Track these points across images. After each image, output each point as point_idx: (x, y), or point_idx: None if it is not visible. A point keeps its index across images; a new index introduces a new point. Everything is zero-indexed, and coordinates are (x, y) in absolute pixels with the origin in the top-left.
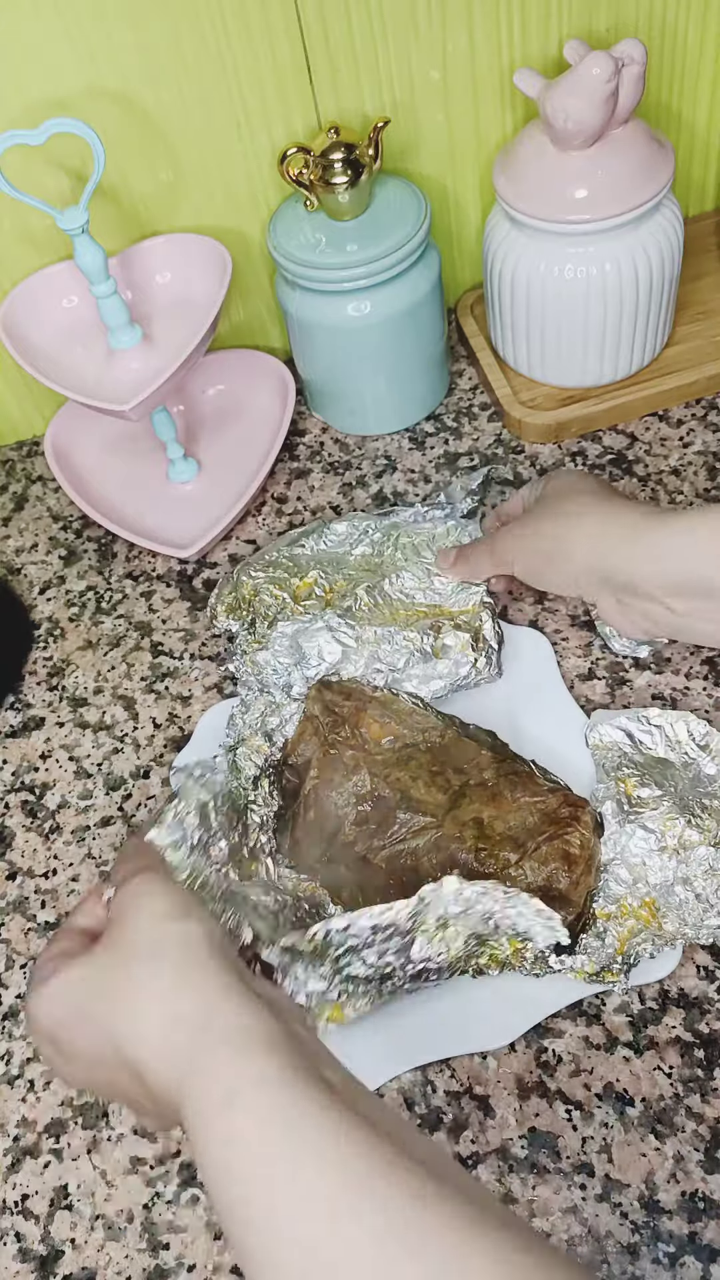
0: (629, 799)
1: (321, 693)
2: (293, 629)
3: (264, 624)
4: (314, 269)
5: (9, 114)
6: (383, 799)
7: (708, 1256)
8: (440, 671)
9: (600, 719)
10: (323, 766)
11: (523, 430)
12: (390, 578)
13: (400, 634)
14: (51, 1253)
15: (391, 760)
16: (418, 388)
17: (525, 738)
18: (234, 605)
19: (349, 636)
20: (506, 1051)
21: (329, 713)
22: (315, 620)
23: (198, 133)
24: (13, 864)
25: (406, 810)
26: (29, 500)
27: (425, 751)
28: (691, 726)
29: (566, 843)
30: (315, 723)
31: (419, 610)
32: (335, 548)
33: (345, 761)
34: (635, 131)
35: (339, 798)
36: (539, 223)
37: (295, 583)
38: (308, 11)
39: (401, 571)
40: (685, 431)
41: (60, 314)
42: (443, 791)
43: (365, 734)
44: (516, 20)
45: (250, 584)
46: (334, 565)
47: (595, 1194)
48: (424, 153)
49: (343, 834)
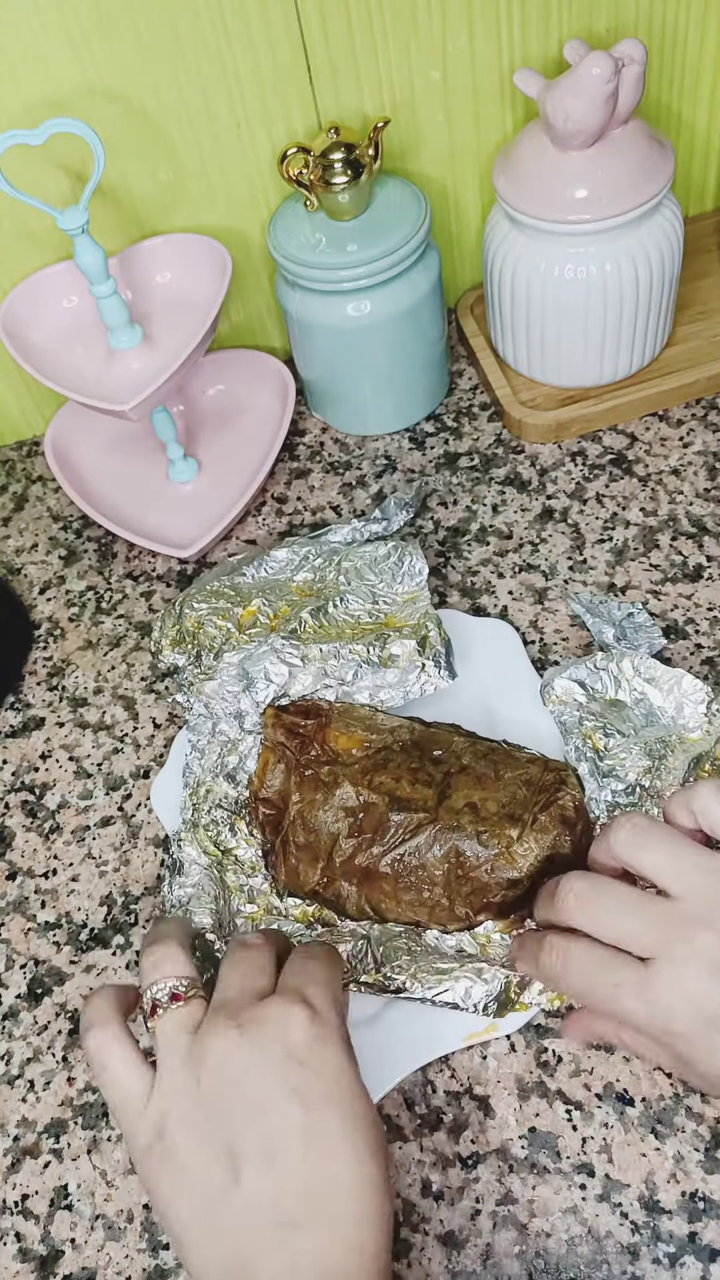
0: (598, 753)
1: (279, 718)
2: (239, 657)
3: (210, 655)
4: (314, 269)
5: (9, 114)
6: (372, 806)
7: (708, 1256)
8: (390, 680)
9: (552, 675)
10: (303, 788)
11: (523, 430)
12: (334, 600)
13: (346, 648)
14: (51, 1253)
15: (369, 766)
16: (418, 388)
17: (501, 723)
18: (178, 639)
19: (295, 656)
20: (507, 1051)
21: (293, 735)
22: (260, 645)
23: (198, 133)
24: (13, 864)
25: (398, 811)
26: (29, 500)
27: (400, 751)
28: (635, 662)
29: (561, 807)
30: (280, 750)
31: (365, 627)
32: (276, 575)
33: (324, 779)
34: (635, 131)
35: (327, 815)
36: (539, 223)
37: (238, 612)
38: (308, 11)
39: (346, 595)
40: (685, 431)
41: (60, 314)
42: (428, 785)
43: (335, 748)
44: (516, 20)
45: (194, 616)
46: (276, 592)
47: (595, 1194)
48: (424, 153)
49: (339, 850)
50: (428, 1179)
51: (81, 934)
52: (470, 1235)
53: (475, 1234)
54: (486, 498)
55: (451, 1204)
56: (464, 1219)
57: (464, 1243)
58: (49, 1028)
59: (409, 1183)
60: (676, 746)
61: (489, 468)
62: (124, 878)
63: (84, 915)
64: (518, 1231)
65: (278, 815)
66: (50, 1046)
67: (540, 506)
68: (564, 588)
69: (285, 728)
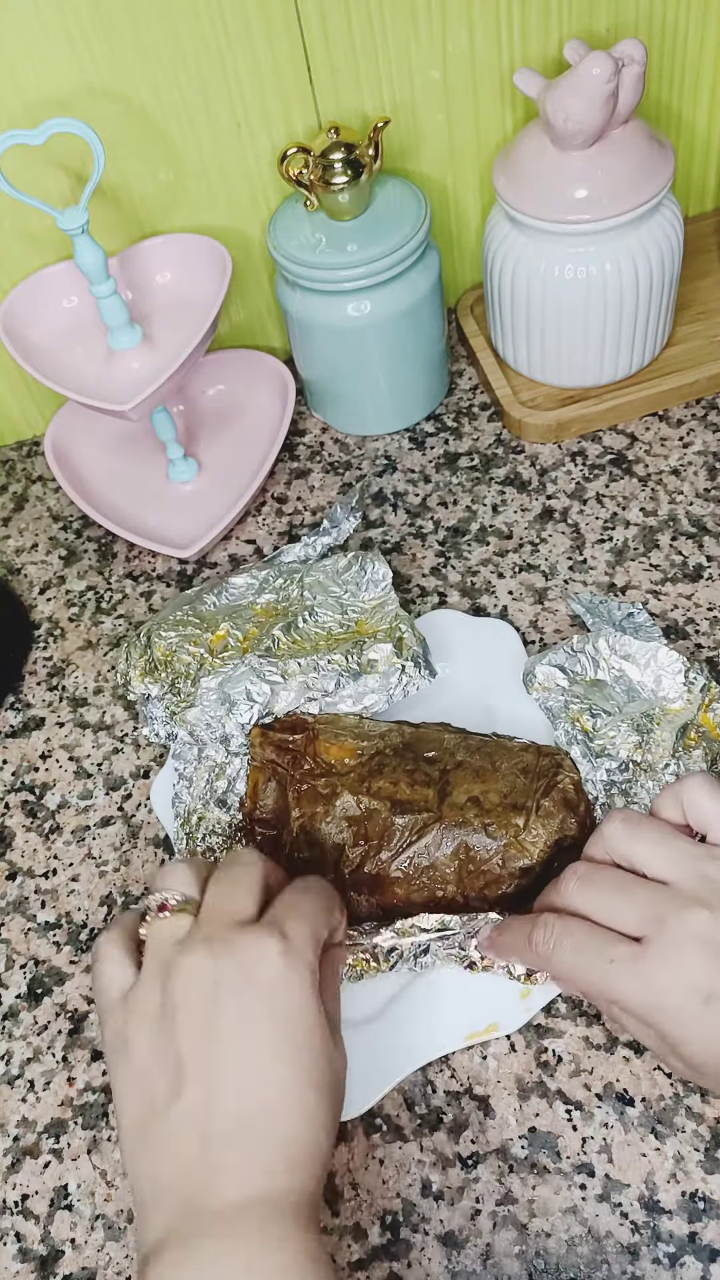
0: (587, 735)
1: (267, 736)
2: (217, 681)
3: (187, 682)
4: (314, 269)
5: (9, 114)
6: (374, 812)
7: (708, 1256)
8: (372, 686)
9: (532, 663)
10: (302, 803)
11: (523, 430)
12: (302, 615)
13: (325, 659)
14: (51, 1253)
15: (365, 773)
16: (418, 388)
17: (502, 722)
18: (148, 669)
19: (275, 673)
20: (507, 1051)
21: (283, 752)
22: (237, 667)
23: (198, 133)
24: (13, 864)
25: (401, 813)
26: (29, 500)
27: (393, 755)
28: (610, 641)
29: (563, 790)
30: (271, 768)
31: (339, 637)
32: (238, 600)
33: (321, 791)
34: (635, 131)
35: (330, 827)
36: (539, 223)
37: (208, 637)
38: (308, 11)
39: (314, 609)
40: (685, 431)
41: (60, 314)
42: (427, 785)
43: (328, 759)
44: (516, 20)
45: (163, 645)
46: (242, 616)
47: (595, 1194)
48: (424, 153)
49: (345, 860)
50: (428, 1179)
51: (81, 934)
52: (470, 1235)
53: (475, 1234)
54: (486, 498)
55: (451, 1204)
56: (464, 1219)
57: (464, 1243)
58: (49, 1028)
59: (409, 1183)
60: (661, 719)
61: (489, 468)
62: (124, 878)
63: (84, 915)
64: (518, 1231)
65: (275, 835)
66: (50, 1046)
67: (540, 506)
68: (564, 588)
69: (274, 745)
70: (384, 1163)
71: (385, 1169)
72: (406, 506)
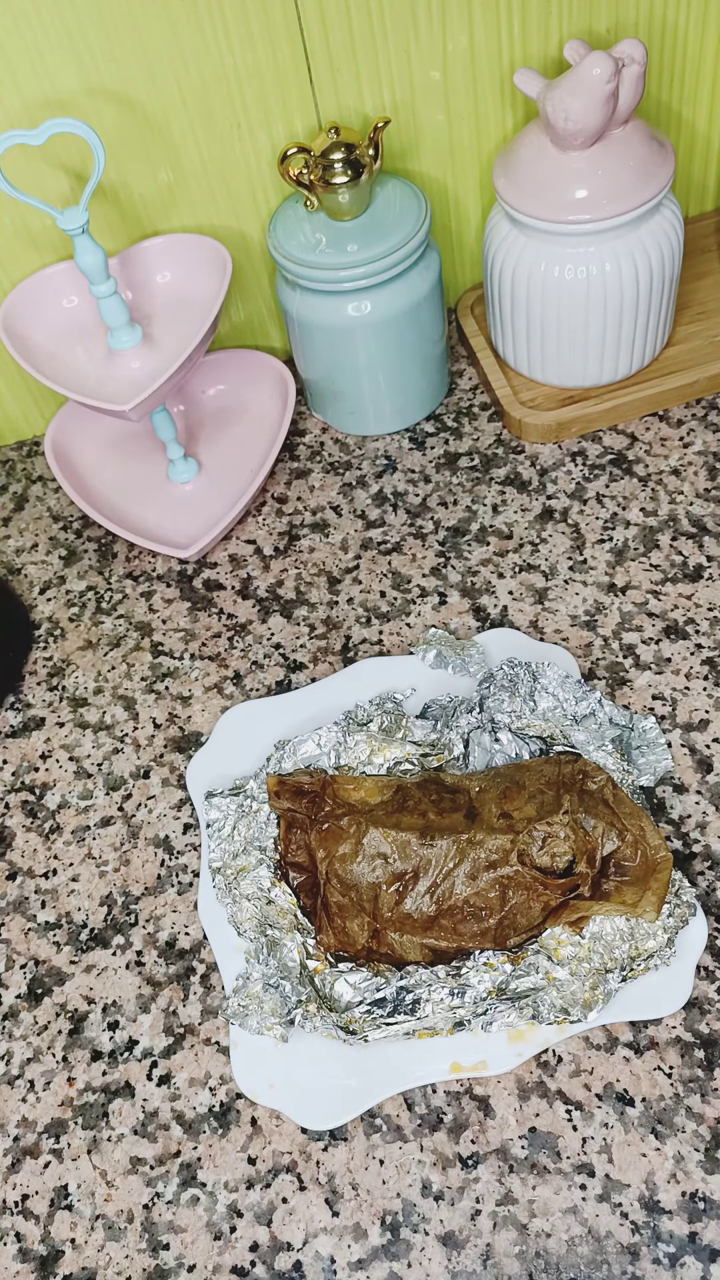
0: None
1: (283, 783)
2: None
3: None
4: (314, 269)
5: (9, 114)
6: (406, 844)
7: (708, 1256)
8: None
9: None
10: (325, 843)
11: (523, 430)
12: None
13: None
14: (51, 1253)
15: (391, 809)
16: (418, 388)
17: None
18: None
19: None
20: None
21: (299, 797)
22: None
23: (198, 133)
24: (13, 864)
25: (434, 842)
26: (29, 500)
27: (416, 788)
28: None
29: (597, 791)
30: (291, 815)
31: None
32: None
33: (346, 829)
34: (635, 131)
35: (362, 867)
36: (539, 223)
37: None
38: (308, 12)
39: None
40: (685, 431)
41: (60, 314)
42: (455, 812)
43: (349, 800)
44: (516, 20)
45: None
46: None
47: (595, 1194)
48: (424, 153)
49: (383, 899)
50: (428, 1179)
51: (81, 934)
52: (470, 1235)
53: (475, 1234)
54: (486, 498)
55: (451, 1204)
56: (464, 1219)
57: (464, 1243)
58: (49, 1028)
59: (409, 1183)
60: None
61: (489, 468)
62: (124, 878)
63: (84, 915)
64: (518, 1232)
65: (311, 878)
66: (50, 1046)
67: (540, 506)
68: (564, 587)
69: (291, 791)
70: (384, 1163)
71: (385, 1169)
72: (407, 506)
